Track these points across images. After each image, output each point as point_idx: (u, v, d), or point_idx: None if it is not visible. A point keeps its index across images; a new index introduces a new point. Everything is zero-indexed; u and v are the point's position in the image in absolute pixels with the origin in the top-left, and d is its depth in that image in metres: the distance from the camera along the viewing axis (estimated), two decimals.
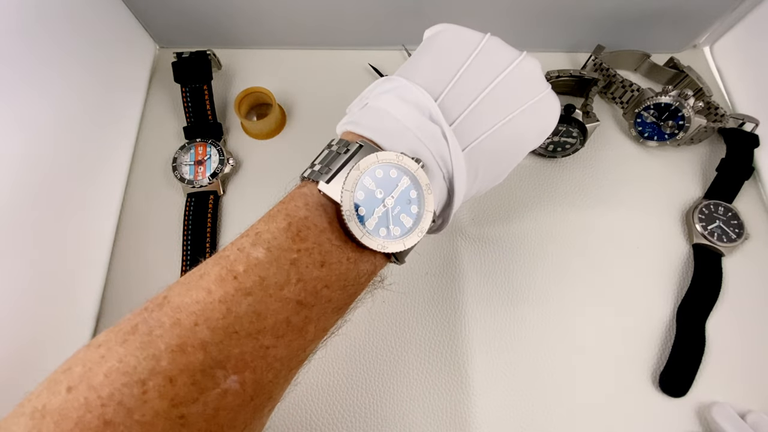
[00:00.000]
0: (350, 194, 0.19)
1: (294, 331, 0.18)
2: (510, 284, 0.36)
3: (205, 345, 0.16)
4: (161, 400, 0.15)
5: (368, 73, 0.45)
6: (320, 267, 0.19)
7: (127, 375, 0.15)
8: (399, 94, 0.22)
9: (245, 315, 0.17)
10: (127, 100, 0.42)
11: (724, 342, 0.34)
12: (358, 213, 0.19)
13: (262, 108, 0.43)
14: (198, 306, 0.17)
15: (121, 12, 0.41)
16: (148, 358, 0.16)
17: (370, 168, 0.20)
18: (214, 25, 0.43)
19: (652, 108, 0.38)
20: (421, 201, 0.20)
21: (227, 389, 0.16)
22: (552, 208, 0.39)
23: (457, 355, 0.34)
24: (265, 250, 0.19)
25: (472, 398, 0.33)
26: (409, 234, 0.20)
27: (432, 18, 0.43)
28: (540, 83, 0.24)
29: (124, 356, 0.16)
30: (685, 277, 0.36)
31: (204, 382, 0.16)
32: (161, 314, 0.17)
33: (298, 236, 0.19)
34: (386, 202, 0.20)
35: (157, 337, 0.16)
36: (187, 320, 0.17)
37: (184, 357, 0.16)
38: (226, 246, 0.20)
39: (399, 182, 0.20)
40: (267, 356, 0.18)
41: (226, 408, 0.16)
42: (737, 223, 0.37)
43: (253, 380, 0.17)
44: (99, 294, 0.36)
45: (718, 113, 0.39)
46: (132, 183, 0.40)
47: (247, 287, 0.18)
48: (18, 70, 0.29)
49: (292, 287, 0.18)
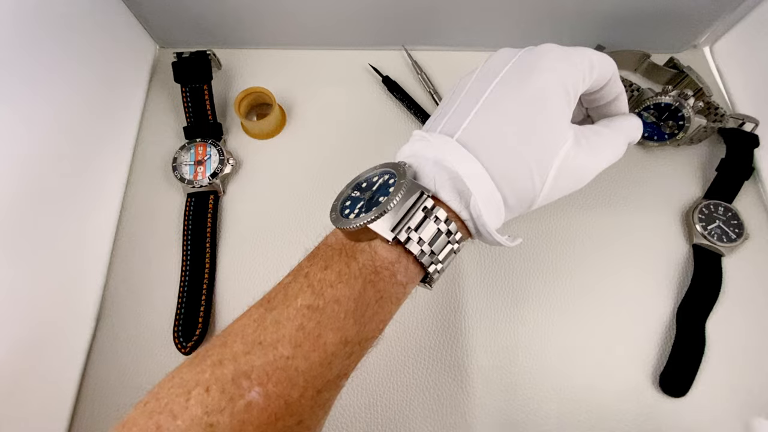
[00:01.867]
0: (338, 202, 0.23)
1: (309, 340, 0.19)
2: (509, 284, 0.36)
3: (236, 356, 0.18)
4: (198, 408, 0.17)
5: (368, 73, 0.45)
6: (324, 269, 0.21)
7: (181, 386, 0.18)
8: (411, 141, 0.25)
9: (270, 325, 0.19)
10: (127, 101, 0.42)
11: (724, 342, 0.34)
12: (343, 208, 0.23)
13: (262, 108, 0.43)
14: (240, 328, 0.20)
15: (121, 12, 0.41)
16: (196, 372, 0.18)
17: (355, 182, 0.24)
18: (214, 25, 0.43)
19: (652, 108, 0.38)
20: (396, 183, 0.21)
21: (251, 401, 0.17)
22: (552, 207, 0.39)
23: (456, 355, 0.34)
24: (292, 275, 0.22)
25: (472, 398, 0.33)
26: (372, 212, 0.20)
27: (432, 18, 0.43)
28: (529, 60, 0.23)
29: (181, 372, 0.18)
30: (685, 277, 0.36)
31: (231, 391, 0.17)
32: (215, 338, 0.20)
33: (312, 254, 0.22)
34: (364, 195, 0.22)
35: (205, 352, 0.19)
36: (230, 340, 0.19)
37: (221, 368, 0.18)
38: None
39: (379, 179, 0.23)
40: (287, 368, 0.18)
41: (252, 423, 0.17)
42: (737, 223, 0.37)
43: (276, 394, 0.18)
44: (99, 294, 0.36)
45: (718, 113, 0.39)
46: (132, 183, 0.40)
47: (273, 305, 0.20)
48: (18, 70, 0.29)
49: (303, 294, 0.20)
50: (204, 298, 0.35)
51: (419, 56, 0.45)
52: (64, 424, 0.33)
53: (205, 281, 0.36)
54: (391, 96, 0.43)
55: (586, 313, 0.35)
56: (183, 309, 0.35)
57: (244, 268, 0.37)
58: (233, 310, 0.36)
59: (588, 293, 0.36)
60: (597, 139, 0.25)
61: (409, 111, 0.42)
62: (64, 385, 0.33)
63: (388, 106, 0.43)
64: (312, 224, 0.39)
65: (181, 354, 0.34)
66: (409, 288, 0.22)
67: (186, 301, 0.35)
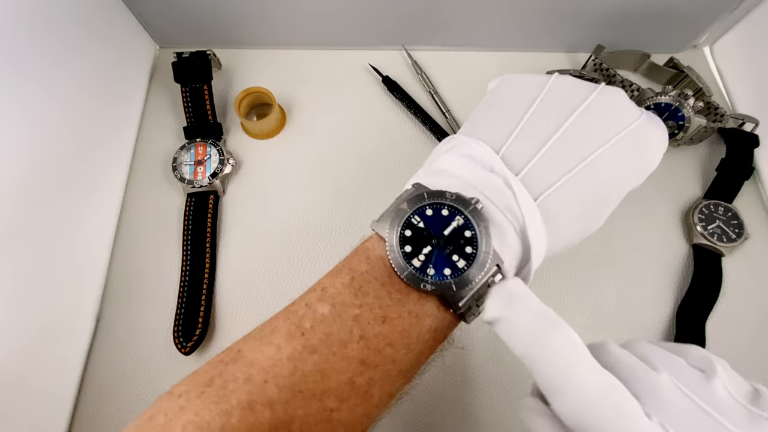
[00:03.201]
0: (395, 230, 0.19)
1: (358, 395, 0.18)
2: None
3: (272, 403, 0.16)
4: None
5: (368, 73, 0.45)
6: (382, 323, 0.18)
7: (201, 429, 0.16)
8: (459, 151, 0.21)
9: (310, 374, 0.17)
10: (127, 100, 0.42)
11: (724, 342, 0.34)
12: (404, 250, 0.19)
13: (262, 108, 0.43)
14: (268, 362, 0.17)
15: (121, 12, 0.41)
16: (221, 413, 0.16)
17: (418, 206, 0.19)
18: (214, 25, 0.43)
19: (652, 108, 0.38)
20: (478, 241, 0.19)
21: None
22: None
23: (456, 355, 0.34)
24: (330, 305, 0.18)
25: (472, 398, 0.33)
26: (461, 275, 0.18)
27: (432, 18, 0.43)
28: (629, 112, 0.22)
29: (200, 410, 0.16)
30: (685, 277, 0.36)
31: None
32: (235, 368, 0.17)
33: (360, 291, 0.19)
34: (435, 240, 0.19)
35: (230, 392, 0.16)
36: (257, 376, 0.17)
37: (253, 415, 0.16)
38: (295, 300, 0.20)
39: (451, 221, 0.19)
40: (331, 420, 0.17)
41: None
42: (737, 223, 0.37)
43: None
44: (99, 294, 0.36)
45: (718, 113, 0.39)
46: (132, 183, 0.40)
47: (313, 344, 0.18)
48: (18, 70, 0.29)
49: (355, 345, 0.18)
50: (204, 298, 0.35)
51: (419, 56, 0.45)
52: (64, 424, 0.33)
53: (205, 281, 0.36)
54: (391, 96, 0.43)
55: (585, 313, 0.35)
56: (183, 309, 0.35)
57: (244, 268, 0.37)
58: (233, 310, 0.36)
59: (587, 293, 0.36)
60: None
61: (409, 111, 0.42)
62: (64, 384, 0.33)
63: (388, 106, 0.43)
64: (312, 223, 0.39)
65: (181, 354, 0.34)
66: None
67: (186, 301, 0.35)
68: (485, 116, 0.23)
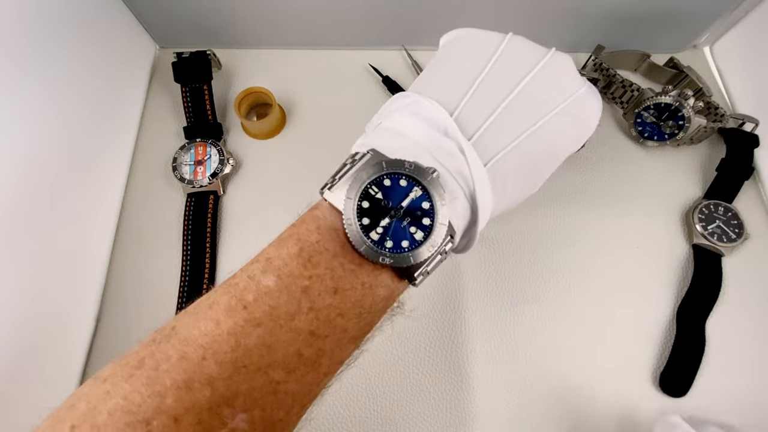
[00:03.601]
0: (352, 202, 0.18)
1: (307, 365, 0.17)
2: (509, 284, 0.36)
3: (212, 381, 0.16)
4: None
5: (368, 73, 0.45)
6: (333, 294, 0.18)
7: (131, 414, 0.15)
8: (412, 110, 0.21)
9: (254, 348, 0.16)
10: (127, 100, 0.42)
11: (724, 342, 0.34)
12: (361, 223, 0.18)
13: (262, 108, 0.43)
14: (206, 339, 0.16)
15: (121, 12, 0.41)
16: (154, 395, 0.15)
17: (375, 176, 0.18)
18: (214, 25, 0.43)
19: (652, 108, 0.38)
20: (435, 212, 0.19)
21: (234, 429, 0.15)
22: (552, 207, 0.39)
23: (456, 355, 0.34)
24: (276, 277, 0.18)
25: (472, 398, 0.33)
26: (419, 248, 0.18)
27: (432, 18, 0.43)
28: (574, 81, 0.22)
29: (129, 393, 0.15)
30: (685, 277, 0.36)
31: (210, 422, 0.15)
32: (168, 347, 0.16)
33: (310, 262, 0.18)
34: (394, 212, 0.18)
35: (163, 372, 0.16)
36: (194, 354, 0.16)
37: (190, 394, 0.15)
38: (236, 272, 0.19)
39: (409, 192, 0.19)
40: (278, 392, 0.16)
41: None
42: (737, 223, 0.37)
43: (262, 418, 0.16)
44: (99, 294, 0.36)
45: (718, 113, 0.39)
46: (132, 183, 0.40)
47: (256, 317, 0.17)
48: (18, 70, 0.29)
49: (304, 317, 0.17)
50: None
51: (419, 56, 0.45)
52: None
53: (205, 281, 0.36)
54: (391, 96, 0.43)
55: (586, 313, 0.35)
56: (183, 309, 0.35)
57: None
58: None
59: (588, 293, 0.36)
60: None
61: None
62: (65, 384, 0.33)
63: None
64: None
65: None
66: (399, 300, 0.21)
67: (186, 301, 0.35)
68: (439, 74, 0.22)
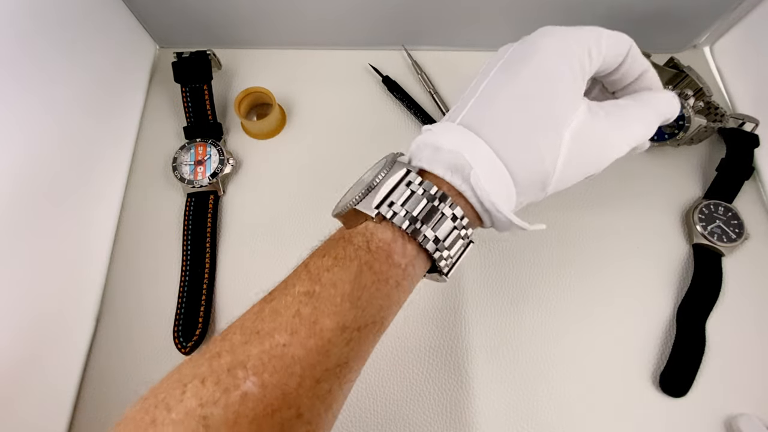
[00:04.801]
0: None
1: (306, 326, 0.18)
2: (509, 284, 0.36)
3: (234, 347, 0.18)
4: (193, 400, 0.16)
5: (368, 73, 0.45)
6: (322, 257, 0.20)
7: (178, 380, 0.17)
8: None
9: (268, 315, 0.19)
10: (127, 100, 0.42)
11: (724, 342, 0.34)
12: None
13: (262, 108, 0.43)
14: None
15: (121, 12, 0.41)
16: (194, 366, 0.18)
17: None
18: (214, 25, 0.43)
19: None
20: (378, 166, 0.22)
21: (246, 392, 0.16)
22: (551, 207, 0.39)
23: (456, 355, 0.34)
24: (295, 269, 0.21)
25: (472, 398, 0.33)
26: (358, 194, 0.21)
27: (432, 18, 0.43)
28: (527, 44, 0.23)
29: (181, 367, 0.18)
30: (685, 277, 0.36)
31: (226, 382, 0.17)
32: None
33: (315, 248, 0.22)
34: None
35: (206, 347, 0.19)
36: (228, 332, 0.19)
37: (218, 360, 0.17)
38: None
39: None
40: (284, 356, 0.17)
41: (247, 415, 0.16)
42: (737, 223, 0.37)
43: (272, 384, 0.17)
44: (99, 294, 0.36)
45: (718, 113, 0.39)
46: (132, 183, 0.40)
47: (274, 296, 0.20)
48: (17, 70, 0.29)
49: (302, 281, 0.20)
50: (204, 298, 0.35)
51: (419, 56, 0.45)
52: (65, 424, 0.33)
53: (205, 281, 0.36)
54: (391, 96, 0.43)
55: (586, 313, 0.35)
56: (183, 309, 0.35)
57: (244, 268, 0.37)
58: (233, 310, 0.36)
59: (588, 293, 0.36)
60: (618, 112, 0.23)
61: (409, 111, 0.42)
62: (64, 384, 0.33)
63: (388, 106, 0.43)
64: (312, 224, 0.39)
65: (181, 354, 0.34)
66: (410, 271, 0.21)
67: (186, 301, 0.35)
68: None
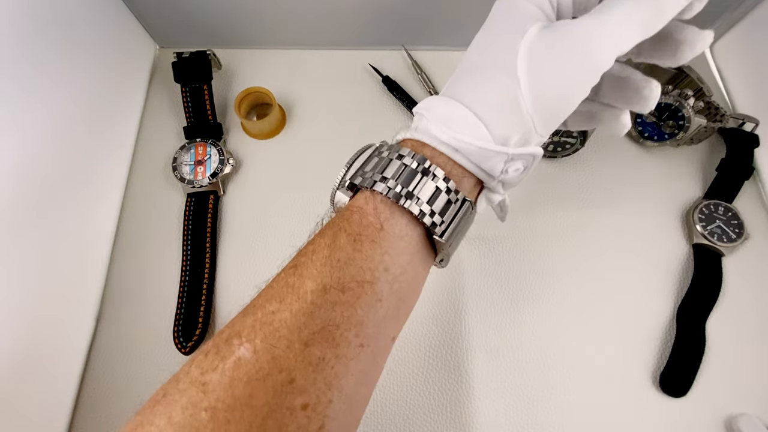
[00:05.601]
0: None
1: (292, 292, 0.19)
2: (510, 284, 0.36)
3: (234, 322, 0.19)
4: (196, 370, 0.18)
5: (368, 73, 0.45)
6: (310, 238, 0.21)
7: (189, 359, 0.18)
8: None
9: (265, 291, 0.20)
10: (127, 100, 0.42)
11: (724, 342, 0.34)
12: None
13: (262, 108, 0.43)
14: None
15: (121, 12, 0.41)
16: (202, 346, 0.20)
17: None
18: (214, 25, 0.43)
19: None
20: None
21: (240, 357, 0.17)
22: (552, 207, 0.39)
23: (456, 355, 0.34)
24: None
25: (472, 398, 0.33)
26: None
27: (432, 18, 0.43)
28: None
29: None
30: (685, 277, 0.36)
31: (224, 350, 0.18)
32: None
33: None
34: None
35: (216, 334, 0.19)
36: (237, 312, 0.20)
37: (220, 335, 0.19)
38: None
39: None
40: (273, 321, 0.18)
41: (241, 378, 0.17)
42: (737, 223, 0.37)
43: (263, 349, 0.18)
44: (99, 294, 0.36)
45: (718, 113, 0.39)
46: (132, 183, 0.40)
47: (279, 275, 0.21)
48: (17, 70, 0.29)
49: (294, 258, 0.21)
50: (204, 298, 0.35)
51: (419, 56, 0.45)
52: (64, 424, 0.33)
53: (205, 281, 0.36)
54: (391, 96, 0.43)
55: (586, 313, 0.35)
56: (183, 309, 0.35)
57: (244, 268, 0.37)
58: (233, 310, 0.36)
59: (588, 293, 0.36)
60: (600, 10, 0.19)
61: (409, 111, 0.42)
62: (64, 385, 0.33)
63: (388, 106, 0.43)
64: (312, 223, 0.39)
65: (181, 354, 0.34)
66: (390, 229, 0.20)
67: (186, 301, 0.35)
68: None
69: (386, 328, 0.21)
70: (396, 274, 0.20)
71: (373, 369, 0.21)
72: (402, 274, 0.21)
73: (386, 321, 0.20)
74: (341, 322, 0.19)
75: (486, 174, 0.21)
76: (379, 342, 0.20)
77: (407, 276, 0.21)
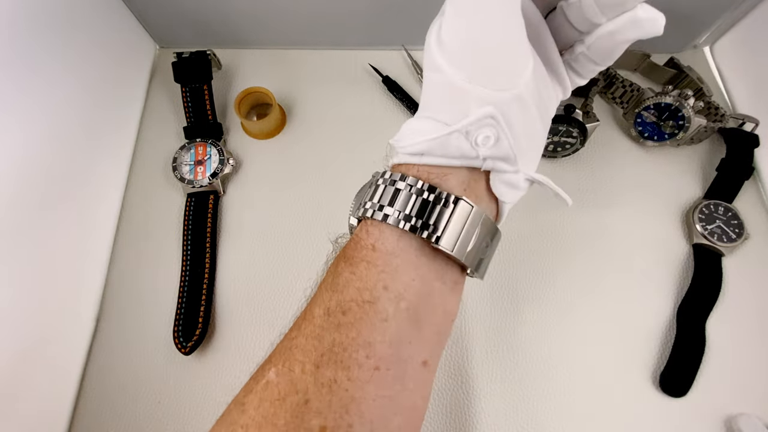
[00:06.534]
0: None
1: (304, 317, 0.21)
2: (510, 284, 0.36)
3: (272, 351, 0.21)
4: (242, 392, 0.20)
5: (368, 73, 0.45)
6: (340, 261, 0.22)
7: None
8: None
9: (295, 321, 0.21)
10: (127, 101, 0.42)
11: (724, 342, 0.34)
12: None
13: (262, 108, 0.43)
14: None
15: (121, 12, 0.41)
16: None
17: None
18: (214, 25, 0.43)
19: (652, 108, 0.38)
20: None
21: (269, 380, 0.19)
22: (552, 207, 0.39)
23: (456, 355, 0.34)
24: None
25: (472, 398, 0.33)
26: None
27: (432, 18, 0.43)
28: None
29: None
30: (685, 277, 0.36)
31: (259, 374, 0.20)
32: None
33: None
34: None
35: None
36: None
37: (261, 364, 0.21)
38: None
39: None
40: (292, 347, 0.20)
41: (267, 399, 0.19)
42: (737, 223, 0.37)
43: (283, 372, 0.19)
44: (99, 294, 0.36)
45: (718, 113, 0.39)
46: (132, 183, 0.40)
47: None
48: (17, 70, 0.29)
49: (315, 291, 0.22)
50: (204, 298, 0.35)
51: (419, 56, 0.45)
52: (64, 424, 0.33)
53: (205, 281, 0.36)
54: (391, 96, 0.43)
55: (586, 313, 0.35)
56: (183, 309, 0.35)
57: (244, 268, 0.37)
58: (233, 310, 0.36)
59: (588, 293, 0.36)
60: None
61: (409, 111, 0.42)
62: (65, 384, 0.33)
63: (388, 106, 0.43)
64: (312, 223, 0.39)
65: (181, 354, 0.34)
66: (382, 248, 0.20)
67: (186, 301, 0.35)
68: None
69: (407, 350, 0.20)
70: (399, 291, 0.20)
71: (402, 396, 0.19)
72: (407, 292, 0.20)
73: (403, 342, 0.19)
74: (348, 344, 0.19)
75: (463, 159, 0.20)
76: (402, 365, 0.19)
77: (415, 293, 0.20)
